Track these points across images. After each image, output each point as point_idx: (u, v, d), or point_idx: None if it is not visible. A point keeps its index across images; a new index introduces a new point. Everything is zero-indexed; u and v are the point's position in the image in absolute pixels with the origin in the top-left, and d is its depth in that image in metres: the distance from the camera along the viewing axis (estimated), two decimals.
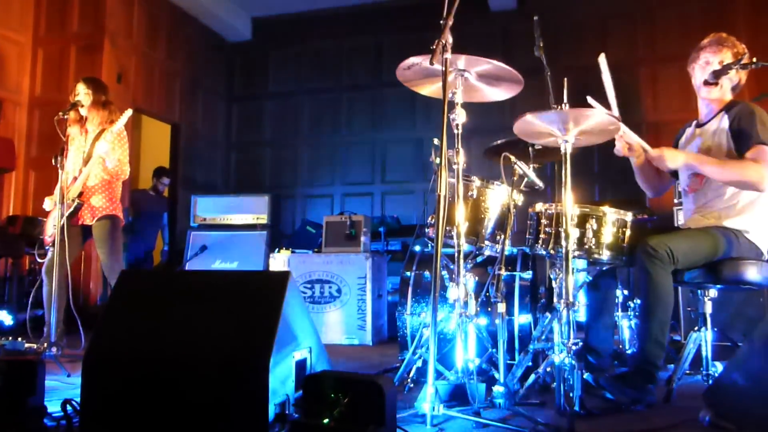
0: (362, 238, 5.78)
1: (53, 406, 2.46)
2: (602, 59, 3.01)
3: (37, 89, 7.07)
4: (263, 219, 6.74)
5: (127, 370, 2.24)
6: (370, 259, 5.56)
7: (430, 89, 3.13)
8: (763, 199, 3.02)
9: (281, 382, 2.19)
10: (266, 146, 8.87)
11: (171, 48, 8.01)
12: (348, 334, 5.48)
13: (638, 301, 3.63)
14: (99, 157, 4.27)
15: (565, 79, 2.75)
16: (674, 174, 3.37)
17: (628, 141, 3.20)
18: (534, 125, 2.82)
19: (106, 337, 2.35)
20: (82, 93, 4.39)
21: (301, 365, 2.37)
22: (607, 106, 3.02)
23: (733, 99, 3.19)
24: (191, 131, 8.35)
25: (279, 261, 5.86)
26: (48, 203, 4.46)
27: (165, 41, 7.91)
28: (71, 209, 4.25)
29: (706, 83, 3.10)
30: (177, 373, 2.21)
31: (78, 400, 2.30)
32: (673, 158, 3.04)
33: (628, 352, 3.82)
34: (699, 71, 3.17)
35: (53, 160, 4.00)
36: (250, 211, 6.77)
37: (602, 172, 7.13)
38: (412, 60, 2.85)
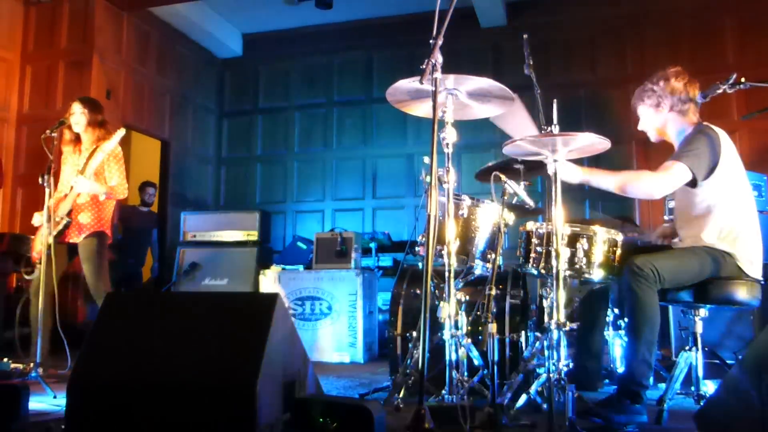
0: (353, 255, 5.76)
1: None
2: None
3: (25, 106, 7.02)
4: (253, 235, 6.69)
5: (112, 394, 2.21)
6: (361, 276, 5.54)
7: (420, 110, 3.13)
8: (747, 226, 3.00)
9: (269, 405, 2.16)
10: (257, 162, 8.85)
11: (161, 64, 7.99)
12: (339, 351, 5.44)
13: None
14: (94, 181, 4.26)
15: (554, 100, 2.75)
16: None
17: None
18: (524, 147, 2.82)
19: (91, 361, 2.32)
20: (78, 113, 4.36)
21: (289, 388, 2.35)
22: None
23: (701, 122, 3.12)
24: (181, 147, 8.32)
25: (269, 278, 5.83)
26: (37, 218, 4.40)
27: (155, 57, 7.89)
28: (60, 226, 4.21)
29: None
30: (163, 397, 2.18)
31: (63, 425, 2.27)
32: (568, 173, 2.93)
33: (619, 370, 3.80)
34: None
35: (40, 179, 3.97)
36: (240, 227, 6.72)
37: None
38: (402, 82, 2.84)
